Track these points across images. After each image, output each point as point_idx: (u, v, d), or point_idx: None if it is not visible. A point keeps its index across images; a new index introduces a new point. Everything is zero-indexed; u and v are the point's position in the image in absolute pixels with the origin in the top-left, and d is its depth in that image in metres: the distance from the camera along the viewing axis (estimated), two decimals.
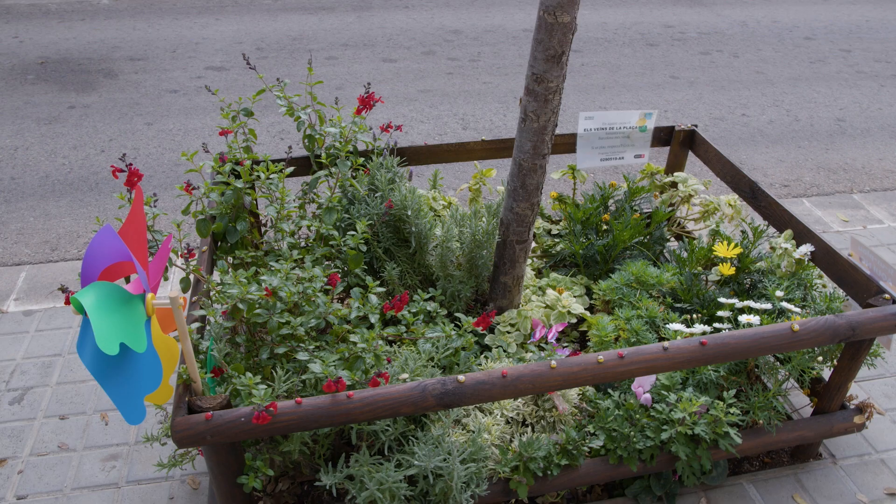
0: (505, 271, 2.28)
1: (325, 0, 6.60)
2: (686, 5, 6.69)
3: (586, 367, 1.67)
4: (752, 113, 4.51)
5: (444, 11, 6.41)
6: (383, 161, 2.43)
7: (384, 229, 2.37)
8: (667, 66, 5.26)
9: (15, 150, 3.92)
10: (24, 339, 2.54)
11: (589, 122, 2.71)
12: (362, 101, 2.05)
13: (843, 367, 1.98)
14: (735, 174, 2.53)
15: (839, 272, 2.06)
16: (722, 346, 1.73)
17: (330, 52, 5.44)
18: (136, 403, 1.33)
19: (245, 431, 1.51)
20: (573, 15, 1.79)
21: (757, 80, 5.03)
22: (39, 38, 5.48)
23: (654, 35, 5.90)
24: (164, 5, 6.35)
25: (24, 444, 2.15)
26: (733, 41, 5.79)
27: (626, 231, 2.44)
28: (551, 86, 1.90)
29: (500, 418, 1.95)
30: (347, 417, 1.56)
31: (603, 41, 5.77)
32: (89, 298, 1.24)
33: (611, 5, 6.64)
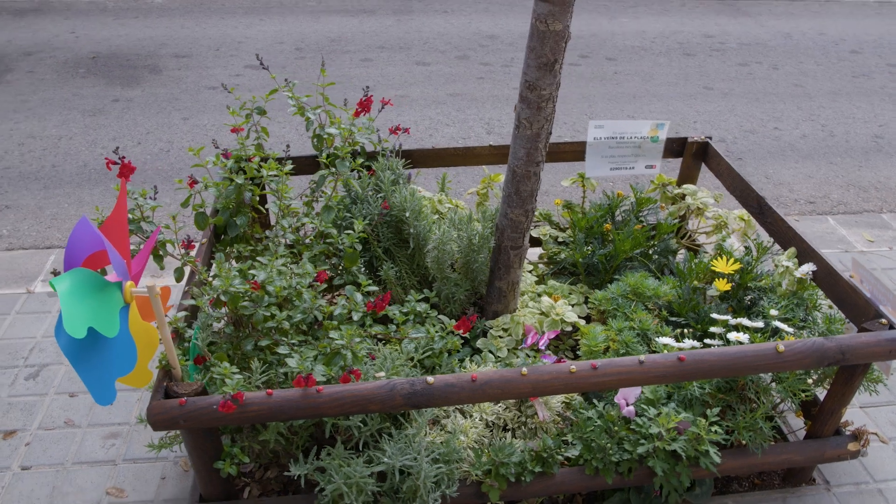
0: (500, 276, 2.29)
1: (368, 3, 6.71)
2: (730, 15, 6.56)
3: (557, 376, 1.67)
4: (785, 127, 4.40)
5: (482, 16, 6.44)
6: (387, 162, 2.47)
7: (385, 229, 2.41)
8: (702, 76, 5.18)
9: (59, 139, 4.12)
10: (45, 319, 2.67)
11: (599, 131, 2.70)
12: (361, 105, 2.10)
13: (837, 391, 1.94)
14: (744, 188, 2.49)
15: (839, 293, 2.01)
16: (700, 363, 1.71)
17: (366, 53, 5.53)
18: (107, 386, 1.40)
19: (216, 418, 1.57)
20: (565, 24, 1.80)
21: (794, 93, 4.90)
22: (94, 34, 5.72)
23: (693, 45, 5.81)
24: (213, 5, 6.55)
25: (34, 417, 2.27)
26: (774, 53, 5.66)
27: (626, 241, 2.42)
28: (544, 93, 1.91)
29: (479, 421, 1.97)
30: (316, 411, 1.60)
31: (639, 49, 5.70)
32: (64, 284, 1.32)
33: (652, 13, 6.56)
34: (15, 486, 2.05)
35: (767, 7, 6.79)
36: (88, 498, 2.03)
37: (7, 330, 2.62)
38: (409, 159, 2.62)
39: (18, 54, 5.25)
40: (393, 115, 4.52)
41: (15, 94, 4.67)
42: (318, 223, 2.22)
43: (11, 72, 4.98)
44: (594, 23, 6.31)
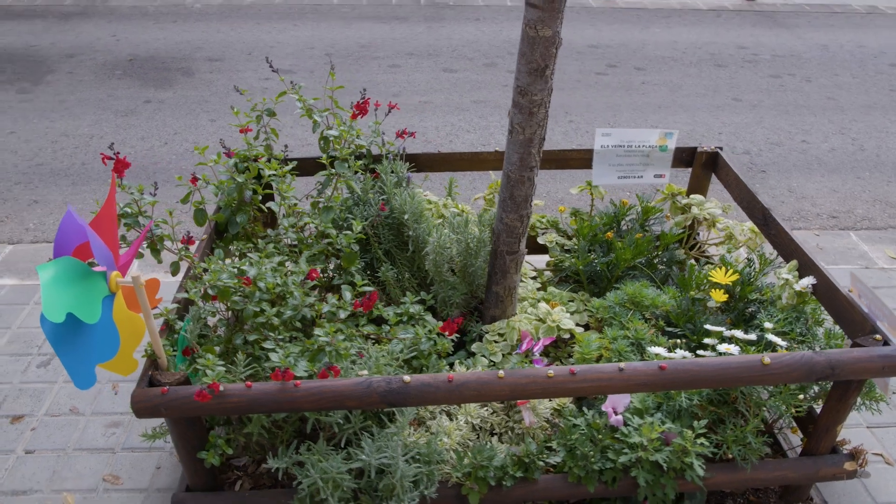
0: (497, 281, 2.30)
1: (400, 10, 6.79)
2: (766, 27, 6.44)
3: (535, 380, 1.67)
4: (814, 140, 4.30)
5: (513, 24, 6.45)
6: (390, 165, 2.50)
7: (386, 232, 2.44)
8: (731, 87, 5.09)
9: (91, 138, 4.27)
10: None
11: (606, 139, 2.68)
12: (357, 107, 2.14)
13: (831, 408, 1.89)
14: (750, 199, 2.45)
15: (837, 308, 1.96)
16: (682, 373, 1.69)
17: (394, 60, 5.59)
18: (88, 370, 1.45)
19: (196, 408, 1.61)
20: (555, 29, 1.80)
21: (826, 105, 4.79)
22: (133, 38, 5.92)
23: (725, 56, 5.72)
24: (249, 10, 6.71)
25: (42, 404, 2.35)
26: (809, 65, 5.53)
27: (627, 250, 2.40)
28: (535, 99, 1.92)
29: (465, 424, 1.97)
30: (293, 405, 1.63)
31: (669, 60, 5.64)
32: (48, 271, 1.37)
33: (686, 24, 6.49)
34: (18, 468, 2.13)
35: (806, 19, 6.65)
36: (85, 483, 2.09)
37: (25, 319, 2.72)
38: (415, 163, 2.64)
39: (60, 56, 5.46)
40: (415, 121, 4.56)
41: (54, 93, 4.85)
42: (318, 223, 2.26)
43: (53, 73, 5.18)
44: (625, 32, 6.27)
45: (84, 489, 2.07)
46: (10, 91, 4.88)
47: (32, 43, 5.70)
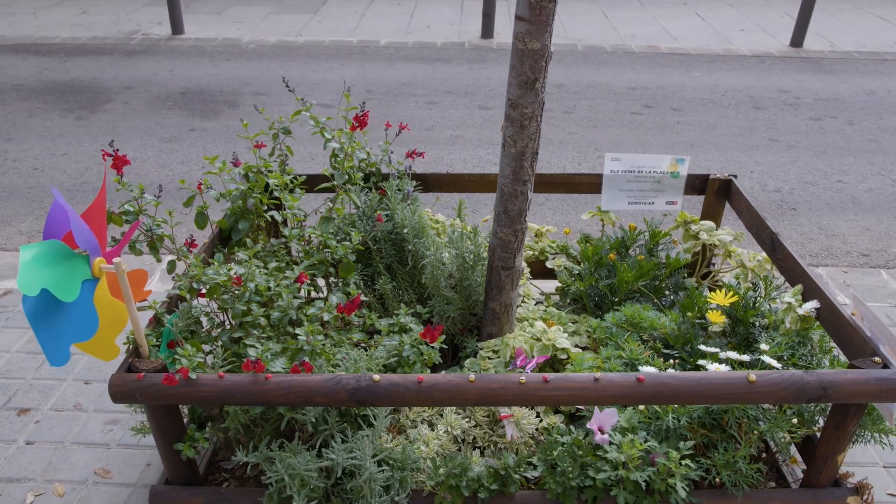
0: (493, 297, 2.28)
1: (444, 53, 6.97)
2: (811, 72, 6.34)
3: (506, 386, 1.64)
4: (851, 180, 4.16)
5: (554, 67, 6.53)
6: (397, 184, 2.54)
7: (388, 247, 2.47)
8: (768, 129, 5.00)
9: (134, 160, 4.48)
10: None
11: (616, 164, 2.67)
12: (356, 119, 2.20)
13: (829, 435, 1.79)
14: (759, 225, 2.38)
15: (840, 332, 1.87)
16: (660, 386, 1.64)
17: (432, 97, 5.72)
18: (62, 349, 1.50)
19: (169, 395, 1.64)
20: (543, 42, 1.83)
21: (868, 148, 4.64)
22: (188, 73, 6.24)
23: (765, 99, 5.64)
24: (300, 51, 7.00)
25: (49, 399, 2.43)
26: (852, 109, 5.40)
27: (628, 271, 2.36)
28: (526, 111, 1.93)
29: (445, 434, 1.94)
30: (263, 397, 1.64)
31: (707, 101, 5.60)
32: (31, 250, 1.44)
33: (728, 69, 6.44)
34: (16, 457, 2.20)
35: (854, 66, 6.52)
36: (77, 475, 2.13)
37: None
38: (423, 183, 2.68)
39: (119, 88, 5.80)
40: (445, 153, 4.63)
41: (108, 121, 5.14)
42: (319, 234, 2.31)
43: (110, 102, 5.50)
44: (666, 76, 6.27)
45: (75, 481, 2.11)
46: (69, 118, 5.19)
47: (97, 76, 6.07)
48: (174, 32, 7.25)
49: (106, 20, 7.67)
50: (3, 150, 4.70)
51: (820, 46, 7.08)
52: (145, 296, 1.81)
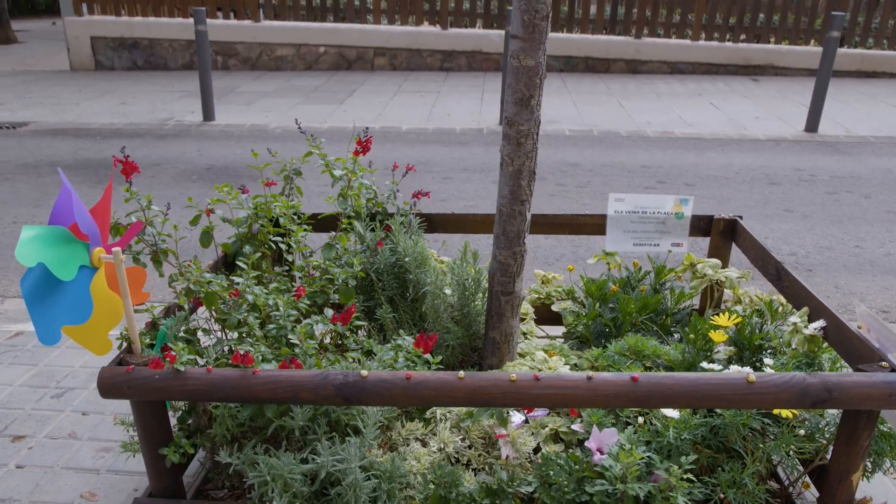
0: (493, 325, 2.26)
1: (463, 137, 7.21)
2: (826, 153, 6.41)
3: (496, 384, 1.60)
4: (869, 246, 4.11)
5: (568, 149, 6.71)
6: (402, 219, 2.59)
7: (391, 279, 2.48)
8: (783, 201, 5.02)
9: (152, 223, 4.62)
10: (88, 354, 2.90)
11: (619, 204, 2.69)
12: (359, 144, 2.27)
13: (841, 451, 1.69)
14: (764, 257, 2.36)
15: (847, 346, 1.81)
16: (656, 386, 1.58)
17: (448, 173, 5.88)
18: (54, 329, 1.52)
19: (156, 388, 1.62)
20: (538, 60, 1.91)
21: (886, 218, 4.61)
22: (215, 153, 6.52)
23: (780, 176, 5.69)
24: (324, 134, 7.30)
25: (45, 428, 2.41)
26: (869, 185, 5.41)
27: (629, 301, 2.33)
28: (523, 129, 1.99)
29: (437, 452, 1.87)
30: (250, 392, 1.62)
31: (721, 178, 5.67)
32: (33, 230, 1.49)
33: (742, 151, 6.55)
34: (5, 480, 2.15)
35: (871, 149, 6.58)
36: (63, 498, 2.08)
37: (53, 359, 2.85)
38: (428, 223, 2.72)
39: (148, 164, 6.07)
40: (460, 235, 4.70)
41: None
42: (321, 261, 2.34)
43: (137, 177, 5.74)
44: (680, 157, 6.38)
45: (60, 503, 2.06)
46: (97, 188, 5.41)
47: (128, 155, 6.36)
48: (205, 119, 7.64)
49: (143, 109, 8.13)
50: (31, 213, 4.90)
51: (835, 131, 7.19)
52: (143, 298, 1.83)
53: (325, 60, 10.61)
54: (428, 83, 9.86)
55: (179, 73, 10.34)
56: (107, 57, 10.47)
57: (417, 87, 9.57)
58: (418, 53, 10.59)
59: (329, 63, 10.63)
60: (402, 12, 10.57)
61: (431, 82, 9.92)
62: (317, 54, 10.58)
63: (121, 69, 10.52)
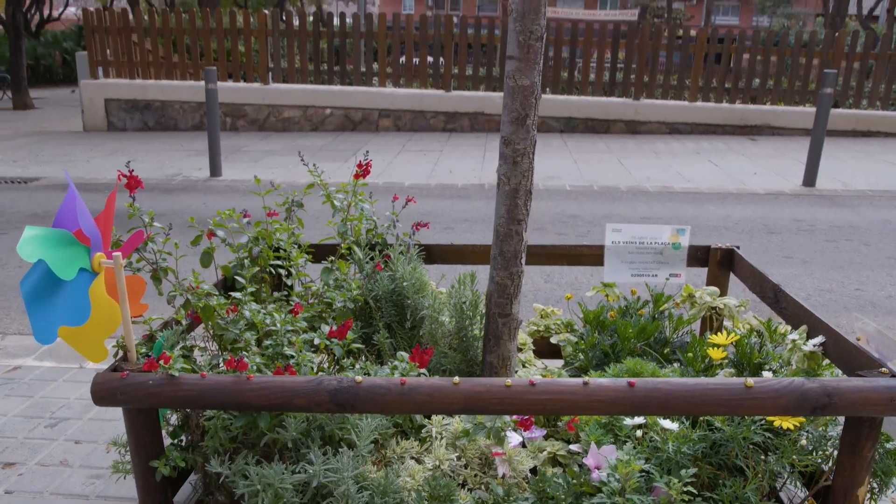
0: (490, 349, 2.25)
1: (465, 192, 7.32)
2: (824, 206, 6.47)
3: (490, 389, 1.59)
4: (869, 289, 4.11)
5: (568, 202, 6.79)
6: (401, 248, 2.61)
7: (390, 307, 2.48)
8: (783, 249, 5.04)
9: None
10: (84, 387, 2.88)
11: (617, 235, 2.72)
12: (360, 166, 2.32)
13: (845, 463, 1.65)
14: (762, 282, 2.36)
15: (847, 359, 1.79)
16: (653, 391, 1.56)
17: (450, 224, 5.94)
18: (50, 328, 1.52)
19: (150, 395, 1.61)
20: (532, 80, 1.97)
21: (886, 263, 4.62)
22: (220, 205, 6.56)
23: (779, 226, 5.73)
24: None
25: (37, 455, 2.37)
26: (868, 234, 5.44)
27: (627, 325, 2.32)
28: (518, 148, 2.04)
29: (433, 469, 1.83)
30: (244, 398, 1.60)
31: (721, 228, 5.71)
32: (36, 230, 1.52)
33: (741, 204, 6.62)
34: None
35: (868, 201, 6.65)
36: None
37: (48, 391, 2.84)
38: (427, 253, 2.74)
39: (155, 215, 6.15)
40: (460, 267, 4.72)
41: None
42: (320, 287, 2.35)
43: None
44: (679, 209, 6.45)
45: None
46: None
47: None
48: (212, 175, 7.79)
49: (151, 166, 8.30)
50: None
51: (833, 186, 7.28)
52: (141, 310, 1.85)
53: (331, 122, 10.88)
54: (431, 143, 10.07)
55: (189, 134, 10.60)
56: (119, 118, 10.76)
57: (421, 147, 9.78)
58: (422, 115, 10.86)
59: (335, 124, 10.90)
60: (406, 76, 10.91)
61: (435, 142, 10.14)
62: (323, 116, 10.86)
63: (132, 130, 10.80)
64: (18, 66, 14.39)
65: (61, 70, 22.27)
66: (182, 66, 10.80)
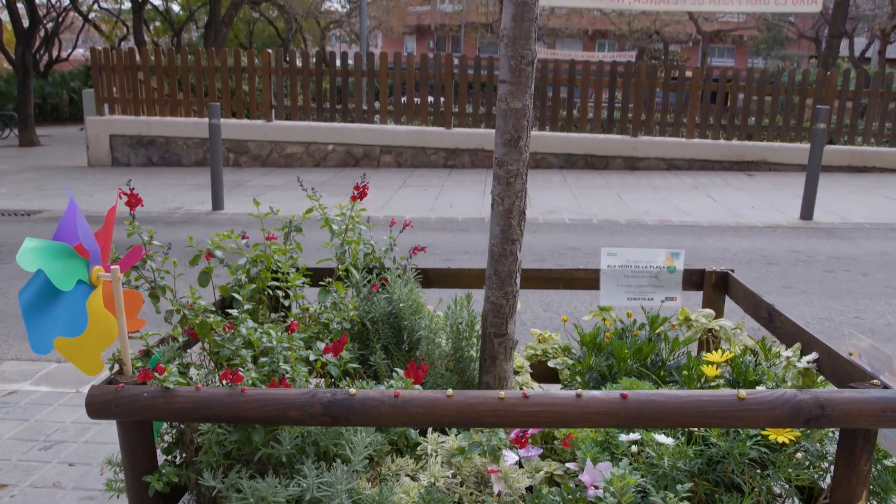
0: (486, 369, 2.25)
1: (465, 225, 7.38)
2: (822, 238, 6.51)
3: (484, 402, 1.59)
4: (868, 317, 4.11)
5: (568, 235, 6.83)
6: (399, 273, 2.64)
7: (387, 329, 2.49)
8: (781, 279, 5.06)
9: None
10: (80, 410, 2.87)
11: (612, 259, 2.74)
12: (357, 189, 2.36)
13: (841, 478, 1.64)
14: (756, 303, 2.38)
15: (840, 373, 1.80)
16: (646, 403, 1.57)
17: (450, 255, 5.97)
18: (47, 338, 1.54)
19: (144, 407, 1.62)
20: (524, 102, 2.02)
21: (884, 293, 4.63)
22: None
23: (778, 257, 5.76)
24: None
25: (30, 477, 2.36)
26: (866, 264, 5.46)
27: (623, 345, 2.33)
28: (512, 169, 2.07)
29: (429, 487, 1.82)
30: (238, 410, 1.61)
31: (720, 259, 5.73)
32: (37, 241, 1.55)
33: (739, 237, 6.66)
34: None
35: (866, 234, 6.68)
36: None
37: (44, 415, 2.83)
38: (424, 277, 2.77)
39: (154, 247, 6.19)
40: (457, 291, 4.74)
41: None
42: (317, 308, 2.37)
43: None
44: (677, 241, 6.49)
45: None
46: None
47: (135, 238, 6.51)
48: (214, 208, 7.86)
49: (154, 200, 8.38)
50: None
51: (830, 219, 7.33)
52: (138, 326, 1.86)
53: (332, 158, 11.01)
54: (432, 178, 10.17)
55: (192, 169, 10.72)
56: (123, 154, 10.90)
57: (422, 182, 9.87)
58: (423, 151, 11.00)
59: (337, 160, 11.03)
60: (407, 114, 11.07)
61: (435, 177, 10.24)
62: (325, 152, 10.99)
63: (136, 165, 10.93)
64: (26, 104, 14.64)
65: (68, 109, 22.63)
66: (186, 104, 10.98)
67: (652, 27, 28.77)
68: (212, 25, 19.80)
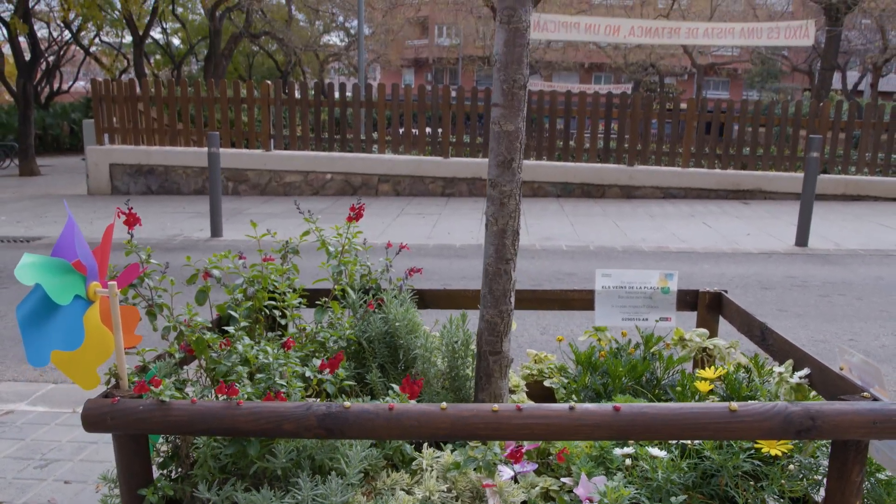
0: (482, 387, 2.26)
1: (462, 251, 7.41)
2: (817, 264, 6.55)
3: (478, 414, 1.61)
4: (863, 339, 4.13)
5: (565, 261, 6.87)
6: (394, 292, 2.66)
7: (383, 348, 2.51)
8: (777, 303, 5.08)
9: None
10: (76, 430, 2.86)
11: (606, 280, 2.77)
12: (353, 210, 2.39)
13: (834, 489, 1.65)
14: (749, 322, 2.41)
15: (832, 388, 1.82)
16: (639, 416, 1.58)
17: (447, 281, 5.99)
18: (43, 351, 1.55)
19: (139, 420, 1.63)
20: (517, 125, 2.06)
21: (879, 316, 4.65)
22: None
23: (773, 282, 5.79)
24: None
25: (25, 495, 2.35)
26: (861, 289, 5.49)
27: (618, 364, 2.34)
28: (505, 190, 2.11)
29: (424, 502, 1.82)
30: (233, 423, 1.62)
31: (715, 284, 5.73)
32: (35, 257, 1.57)
33: (735, 263, 6.69)
34: None
35: (861, 260, 6.73)
36: None
37: (40, 434, 2.82)
38: (420, 298, 2.79)
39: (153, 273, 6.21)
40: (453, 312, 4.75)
41: None
42: (313, 327, 2.39)
43: None
44: (674, 267, 6.51)
45: None
46: None
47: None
48: (213, 235, 7.90)
49: (153, 227, 8.42)
50: None
51: (825, 246, 7.37)
52: (135, 342, 1.88)
53: (331, 186, 11.09)
54: (430, 206, 10.24)
55: (191, 198, 10.79)
56: (123, 182, 10.98)
57: (419, 210, 9.93)
58: (421, 180, 11.08)
59: (335, 189, 11.10)
60: (405, 144, 11.18)
61: (433, 206, 10.30)
62: (323, 181, 11.08)
63: (136, 193, 10.99)
64: (27, 134, 14.77)
65: (68, 140, 22.81)
66: (186, 134, 11.09)
67: (647, 60, 29.19)
68: (212, 58, 20.09)
